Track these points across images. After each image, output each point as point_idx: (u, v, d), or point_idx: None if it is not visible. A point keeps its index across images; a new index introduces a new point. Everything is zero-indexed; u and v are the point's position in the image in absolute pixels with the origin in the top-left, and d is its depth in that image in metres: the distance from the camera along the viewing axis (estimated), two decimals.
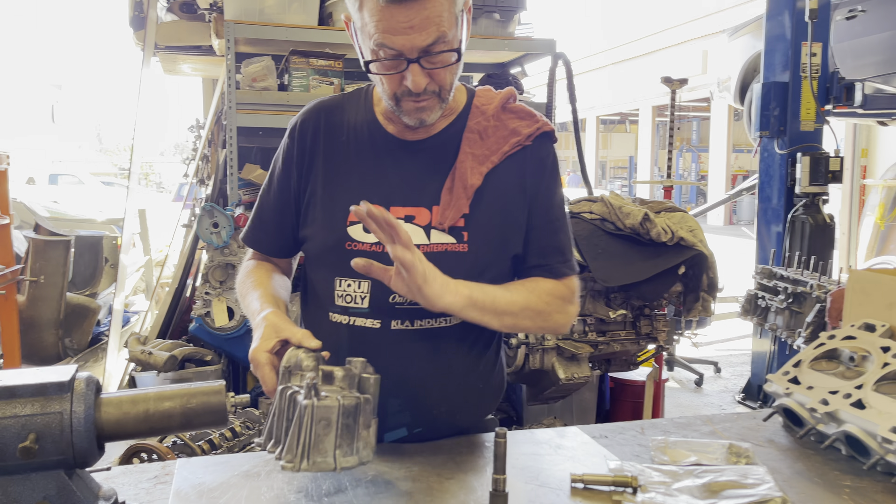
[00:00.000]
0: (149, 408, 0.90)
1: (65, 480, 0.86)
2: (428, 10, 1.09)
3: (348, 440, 0.97)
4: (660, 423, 1.37)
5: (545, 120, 1.32)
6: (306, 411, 0.94)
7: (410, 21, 1.09)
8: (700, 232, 3.01)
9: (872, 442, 1.12)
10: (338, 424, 0.96)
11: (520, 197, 1.29)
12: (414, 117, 1.20)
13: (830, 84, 4.33)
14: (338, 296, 1.26)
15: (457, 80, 1.22)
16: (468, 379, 1.15)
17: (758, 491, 1.02)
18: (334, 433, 0.96)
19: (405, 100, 1.18)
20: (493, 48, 3.92)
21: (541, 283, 1.28)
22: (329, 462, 0.95)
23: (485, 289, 1.19)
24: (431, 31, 1.10)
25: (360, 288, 1.24)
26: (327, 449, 0.95)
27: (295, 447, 0.95)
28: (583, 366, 2.94)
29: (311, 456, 0.94)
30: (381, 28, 1.10)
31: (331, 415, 0.95)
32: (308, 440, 0.94)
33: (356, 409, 0.98)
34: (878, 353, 1.25)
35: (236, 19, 3.59)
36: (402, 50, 1.11)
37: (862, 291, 1.39)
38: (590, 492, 1.06)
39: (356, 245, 1.24)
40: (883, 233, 7.50)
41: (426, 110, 1.19)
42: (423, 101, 1.18)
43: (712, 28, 15.00)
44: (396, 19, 1.08)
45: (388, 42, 1.11)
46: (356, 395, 0.99)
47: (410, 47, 1.11)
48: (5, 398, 0.83)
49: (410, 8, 1.08)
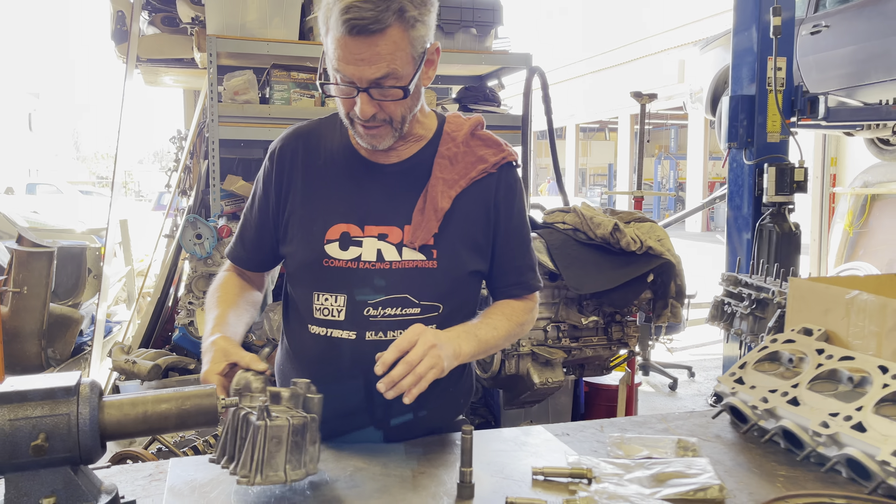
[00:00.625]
0: (147, 409, 1.00)
1: (71, 476, 0.95)
2: (380, 47, 1.19)
3: (297, 455, 1.08)
4: (618, 421, 1.48)
5: (510, 150, 1.44)
6: (259, 431, 1.05)
7: (362, 54, 1.19)
8: (668, 241, 3.13)
9: (805, 435, 1.24)
10: (288, 442, 1.07)
11: (485, 219, 1.40)
12: (366, 141, 1.32)
13: (795, 97, 4.49)
14: (316, 309, 1.36)
15: (412, 113, 1.32)
16: (439, 383, 1.26)
17: (699, 479, 1.13)
18: (284, 450, 1.06)
19: (356, 124, 1.30)
20: (470, 62, 4.04)
21: (513, 304, 1.45)
22: (280, 475, 1.06)
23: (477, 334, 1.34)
24: (381, 66, 1.21)
25: (336, 302, 1.34)
26: (279, 464, 1.06)
27: (249, 463, 1.05)
28: (557, 371, 3.04)
29: (264, 471, 1.05)
30: (338, 56, 1.21)
31: (282, 433, 1.06)
32: (261, 457, 1.05)
33: (304, 427, 1.09)
34: (813, 355, 1.37)
35: (219, 34, 3.67)
36: (352, 78, 1.22)
37: (801, 298, 1.51)
38: (549, 483, 1.16)
39: (333, 262, 1.34)
40: (852, 239, 7.70)
41: (377, 137, 1.30)
42: (373, 129, 1.29)
43: (689, 38, 15.28)
44: (350, 50, 1.19)
45: (341, 69, 1.22)
46: (303, 415, 1.10)
47: (360, 77, 1.22)
48: (17, 401, 0.92)
49: (363, 42, 1.18)
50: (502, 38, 4.29)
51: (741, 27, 4.56)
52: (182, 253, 4.32)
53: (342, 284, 1.33)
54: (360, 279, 1.31)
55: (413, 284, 1.31)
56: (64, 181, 20.01)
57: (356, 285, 1.32)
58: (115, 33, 4.89)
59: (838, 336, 1.41)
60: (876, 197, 7.44)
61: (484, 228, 1.41)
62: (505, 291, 1.46)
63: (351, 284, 1.33)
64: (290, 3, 3.80)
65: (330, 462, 1.24)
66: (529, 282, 1.46)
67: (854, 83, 5.10)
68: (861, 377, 1.28)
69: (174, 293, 4.48)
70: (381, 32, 1.18)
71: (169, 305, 4.40)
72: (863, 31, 5.01)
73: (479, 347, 1.33)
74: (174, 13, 4.54)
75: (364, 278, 1.31)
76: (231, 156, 4.36)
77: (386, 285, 1.32)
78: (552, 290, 3.04)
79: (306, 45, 3.76)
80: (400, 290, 1.33)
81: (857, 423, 1.18)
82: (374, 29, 1.17)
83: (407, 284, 1.33)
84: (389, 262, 1.32)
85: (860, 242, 7.60)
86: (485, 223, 1.41)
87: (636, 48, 18.65)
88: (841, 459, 1.17)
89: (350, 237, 1.34)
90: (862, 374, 1.28)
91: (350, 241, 1.34)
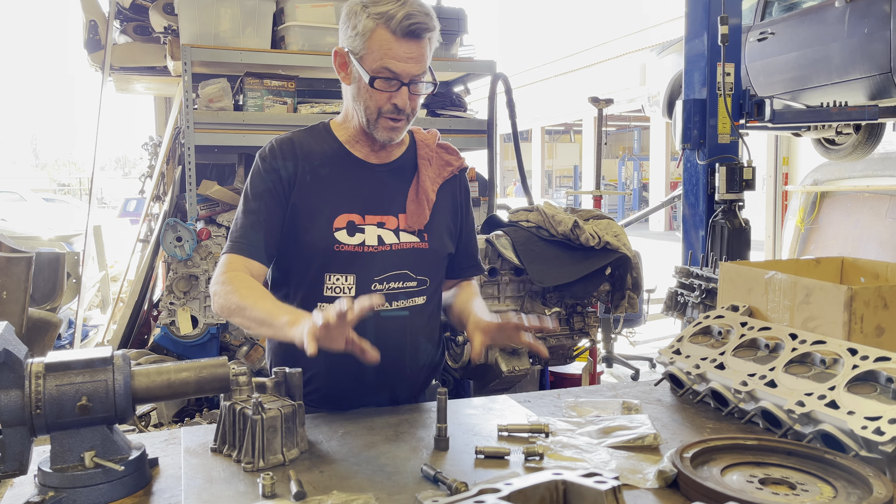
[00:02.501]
0: (171, 377, 1.17)
1: (107, 434, 1.12)
2: (423, 50, 1.49)
3: (291, 438, 1.28)
4: (573, 390, 1.68)
5: (463, 158, 1.75)
6: (257, 423, 1.23)
7: (412, 53, 1.47)
8: (624, 236, 3.36)
9: (728, 393, 1.46)
10: (282, 429, 1.26)
11: (453, 212, 1.71)
12: (385, 135, 1.55)
13: (743, 101, 4.76)
14: (327, 287, 1.56)
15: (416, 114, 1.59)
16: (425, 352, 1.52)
17: (638, 431, 1.33)
18: (280, 435, 1.26)
19: (384, 118, 1.53)
20: (436, 69, 4.16)
21: (475, 286, 1.80)
22: (279, 458, 1.25)
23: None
24: (423, 64, 1.50)
25: (347, 281, 1.56)
26: (276, 448, 1.25)
27: (251, 452, 1.23)
28: (523, 359, 3.24)
29: (266, 456, 1.24)
30: (392, 55, 1.47)
31: (276, 423, 1.26)
32: (261, 445, 1.23)
33: (294, 413, 1.29)
34: (737, 328, 1.59)
35: (192, 43, 3.79)
36: (400, 73, 1.48)
37: (730, 280, 1.73)
38: (512, 437, 1.36)
39: (343, 247, 1.55)
40: (803, 235, 8.04)
41: (397, 129, 1.56)
42: (398, 122, 1.54)
43: (650, 42, 15.68)
44: (404, 50, 1.47)
45: (391, 66, 1.47)
46: (291, 403, 1.30)
47: (407, 73, 1.48)
48: (62, 370, 1.08)
49: (415, 44, 1.47)
50: (467, 45, 4.49)
51: (693, 34, 4.81)
52: (158, 256, 4.43)
53: (351, 265, 1.55)
54: (367, 260, 1.55)
55: (411, 262, 1.59)
56: (27, 189, 19.69)
57: (364, 265, 1.55)
58: (88, 42, 4.97)
59: (759, 311, 1.64)
60: (825, 194, 7.80)
61: (454, 218, 1.70)
62: (462, 272, 1.78)
63: (359, 265, 1.55)
64: (262, 13, 3.95)
65: (322, 426, 1.42)
66: (480, 265, 1.83)
67: (798, 87, 5.40)
68: (775, 343, 1.50)
69: (149, 297, 4.58)
70: (425, 39, 1.48)
71: (145, 308, 4.51)
72: (805, 37, 5.31)
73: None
74: (146, 22, 4.63)
75: (370, 259, 1.55)
76: (205, 161, 4.49)
77: (388, 264, 1.57)
78: (517, 283, 3.25)
79: (278, 54, 3.91)
80: (400, 266, 1.59)
81: (770, 380, 1.40)
82: (424, 35, 1.47)
83: (406, 262, 1.59)
84: (390, 244, 1.57)
85: (811, 238, 7.94)
86: (454, 214, 1.70)
87: (599, 52, 19.04)
88: (757, 412, 1.39)
89: (355, 225, 1.57)
90: (776, 340, 1.50)
91: (355, 228, 1.56)
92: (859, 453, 1.19)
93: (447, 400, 1.29)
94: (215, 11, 3.86)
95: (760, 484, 1.13)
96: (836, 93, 5.14)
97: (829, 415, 1.25)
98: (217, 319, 3.70)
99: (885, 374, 1.29)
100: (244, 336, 3.98)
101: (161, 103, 6.44)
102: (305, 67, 3.99)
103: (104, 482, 1.10)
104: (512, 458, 1.26)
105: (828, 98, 5.14)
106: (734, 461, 1.20)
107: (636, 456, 1.26)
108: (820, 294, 1.50)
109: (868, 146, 6.22)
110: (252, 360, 3.95)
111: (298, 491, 1.08)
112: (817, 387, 1.32)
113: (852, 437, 1.20)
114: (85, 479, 1.09)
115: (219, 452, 1.28)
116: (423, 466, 1.18)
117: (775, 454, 1.22)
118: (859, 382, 1.31)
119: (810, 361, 1.42)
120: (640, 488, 1.14)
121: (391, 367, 1.56)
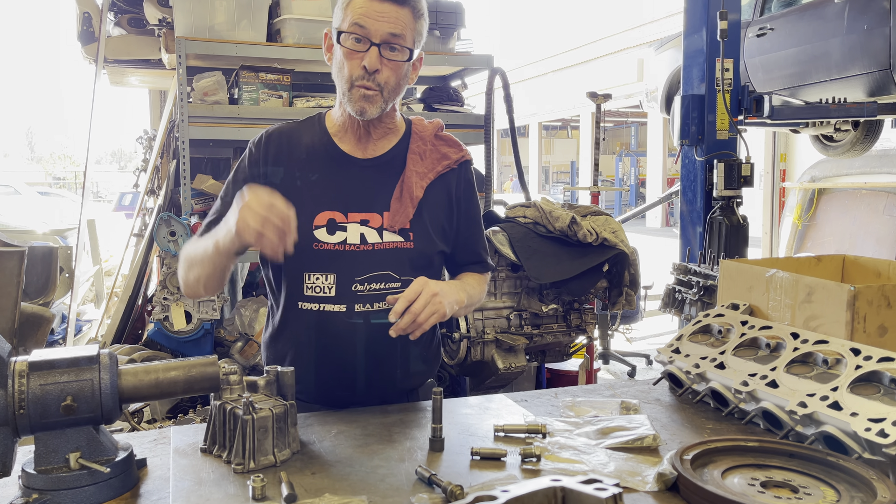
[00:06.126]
0: (159, 376, 1.14)
1: (93, 434, 1.09)
2: (400, 15, 1.45)
3: (282, 439, 1.24)
4: (571, 389, 1.66)
5: (466, 150, 1.67)
6: (248, 424, 1.19)
7: (384, 14, 1.44)
8: (622, 233, 3.33)
9: (729, 393, 1.43)
10: (273, 429, 1.22)
11: (448, 208, 1.62)
12: (359, 105, 1.48)
13: (742, 97, 4.74)
14: (307, 287, 1.52)
15: (397, 95, 1.52)
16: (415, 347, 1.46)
17: (637, 432, 1.31)
18: (271, 436, 1.22)
19: (356, 86, 1.47)
20: (434, 63, 4.19)
21: (476, 276, 1.69)
22: (270, 459, 1.21)
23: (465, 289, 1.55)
24: (397, 25, 1.45)
25: (326, 280, 1.51)
26: (268, 449, 1.21)
27: (241, 452, 1.20)
28: (520, 356, 3.22)
29: (256, 457, 1.20)
30: (363, 12, 1.43)
31: (267, 423, 1.22)
32: (252, 446, 1.20)
33: (285, 413, 1.25)
34: (738, 326, 1.56)
35: (187, 36, 3.75)
36: (370, 32, 1.44)
37: (730, 278, 1.71)
38: (509, 438, 1.33)
39: (322, 245, 1.50)
40: (800, 231, 8.04)
41: (370, 101, 1.48)
42: (370, 92, 1.46)
43: (648, 37, 15.66)
44: (376, 9, 1.44)
45: (361, 22, 1.43)
46: (283, 403, 1.26)
47: (377, 31, 1.44)
48: (46, 369, 1.05)
49: (389, 6, 1.44)
50: (465, 39, 4.45)
51: (691, 30, 4.79)
52: (152, 251, 4.40)
53: (331, 265, 1.50)
54: (348, 260, 1.48)
55: (394, 262, 1.52)
56: (21, 182, 19.59)
57: (344, 265, 1.50)
58: (82, 34, 4.92)
59: (760, 309, 1.61)
60: (823, 191, 7.79)
61: (448, 215, 1.62)
62: (466, 269, 1.69)
63: (339, 264, 1.50)
64: (257, 6, 3.91)
65: (315, 426, 1.39)
66: (486, 262, 1.72)
67: (797, 83, 5.38)
68: (777, 343, 1.47)
69: (143, 291, 4.55)
70: (402, 5, 1.45)
71: (139, 303, 4.48)
72: (804, 33, 5.29)
73: (467, 301, 1.54)
74: (141, 14, 4.59)
75: (351, 259, 1.49)
76: (200, 155, 4.45)
77: (371, 264, 1.51)
78: (514, 280, 3.22)
79: (274, 47, 3.87)
80: (383, 267, 1.52)
81: (771, 381, 1.37)
82: (405, 3, 1.45)
83: (388, 262, 1.52)
84: (372, 244, 1.51)
85: (808, 234, 7.94)
86: (448, 211, 1.62)
87: (596, 47, 19.00)
88: (758, 412, 1.37)
89: (336, 223, 1.51)
90: (777, 340, 1.47)
91: (336, 226, 1.51)
92: (862, 456, 1.17)
93: (442, 399, 1.27)
94: (210, 4, 3.82)
95: (762, 487, 1.11)
96: (834, 89, 5.12)
97: (832, 416, 1.22)
98: (211, 315, 3.67)
99: (888, 375, 1.27)
100: (238, 332, 3.95)
101: (156, 97, 6.39)
102: (301, 61, 3.96)
103: (90, 484, 1.07)
104: (508, 459, 1.23)
105: (827, 94, 5.12)
106: (735, 463, 1.18)
107: (635, 457, 1.24)
108: (822, 293, 1.47)
109: (866, 143, 6.21)
110: (246, 356, 3.93)
111: (289, 494, 1.06)
112: (819, 387, 1.30)
113: (855, 439, 1.18)
114: (70, 480, 1.06)
115: (209, 453, 1.25)
116: (417, 468, 1.15)
117: (777, 456, 1.20)
118: (862, 383, 1.28)
119: (812, 361, 1.40)
120: (640, 491, 1.12)
121: (380, 374, 1.54)
